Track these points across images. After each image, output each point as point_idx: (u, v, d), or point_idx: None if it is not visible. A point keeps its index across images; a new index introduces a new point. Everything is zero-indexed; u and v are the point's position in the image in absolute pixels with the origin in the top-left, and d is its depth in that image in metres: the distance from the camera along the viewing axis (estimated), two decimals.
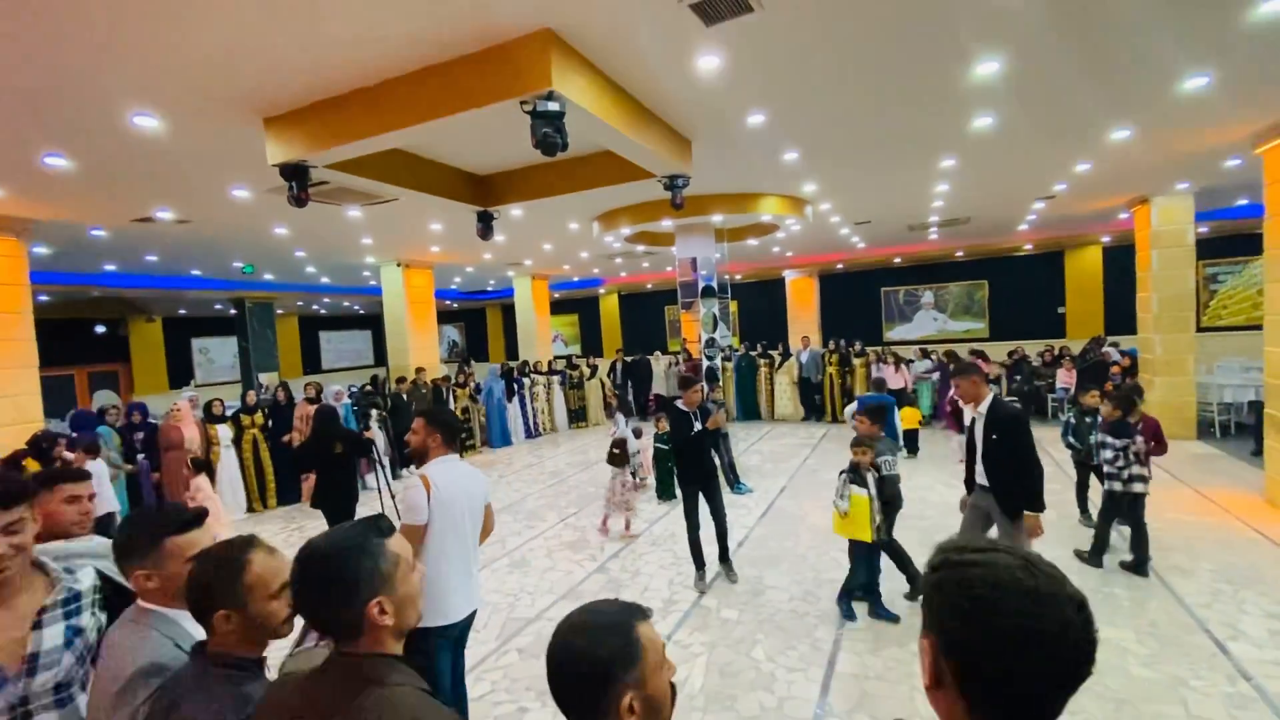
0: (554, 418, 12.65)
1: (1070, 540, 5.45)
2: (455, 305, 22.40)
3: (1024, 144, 6.03)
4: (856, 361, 11.61)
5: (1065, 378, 10.72)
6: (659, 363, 13.97)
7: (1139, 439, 4.99)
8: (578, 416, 13.02)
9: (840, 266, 16.33)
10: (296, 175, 4.15)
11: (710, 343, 8.22)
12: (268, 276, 12.64)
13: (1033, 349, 12.64)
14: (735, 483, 7.74)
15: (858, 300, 17.37)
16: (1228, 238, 12.79)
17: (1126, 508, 4.86)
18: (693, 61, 3.64)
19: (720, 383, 8.31)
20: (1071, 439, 5.88)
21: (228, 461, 7.72)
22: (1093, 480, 5.84)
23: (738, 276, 17.16)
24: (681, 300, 8.39)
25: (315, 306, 19.36)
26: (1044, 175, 7.53)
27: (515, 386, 11.73)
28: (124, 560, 1.59)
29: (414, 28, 3.04)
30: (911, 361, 11.14)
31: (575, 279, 18.10)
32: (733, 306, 19.01)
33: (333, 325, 22.71)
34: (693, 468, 4.91)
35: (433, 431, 2.70)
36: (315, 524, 6.97)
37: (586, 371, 13.23)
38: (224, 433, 7.75)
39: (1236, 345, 11.99)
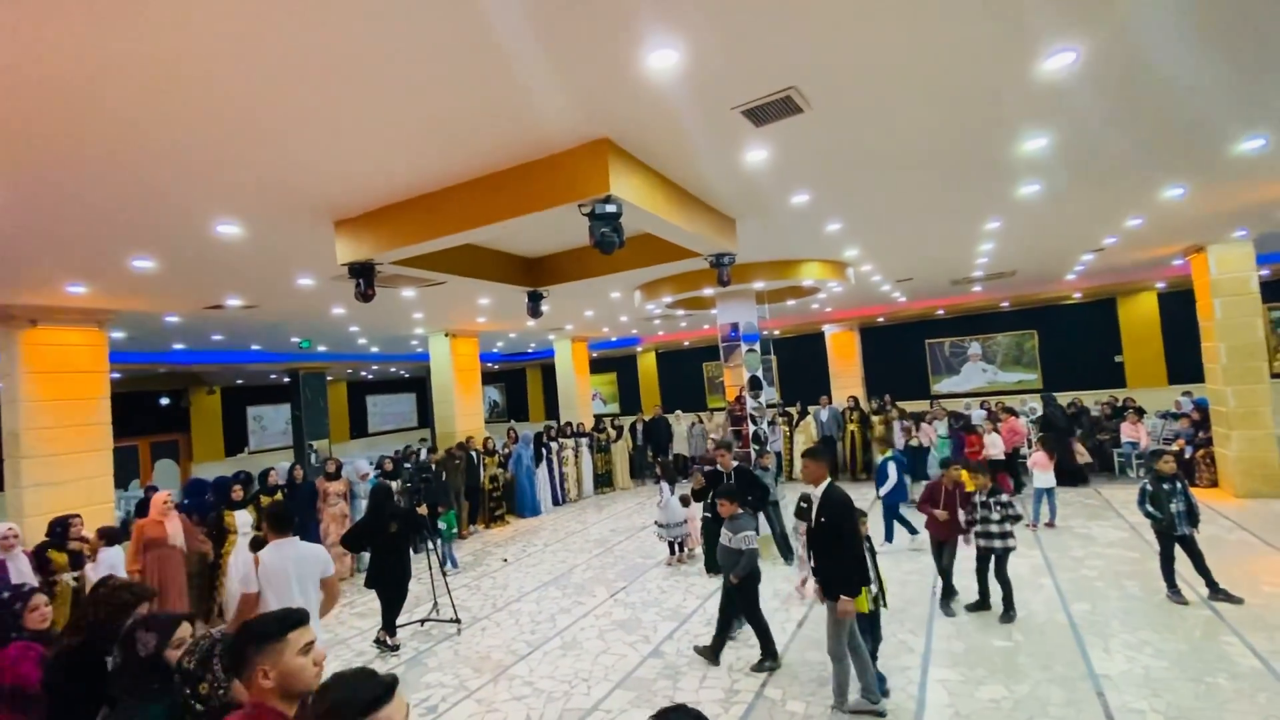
0: (581, 484, 12.52)
1: (1155, 620, 5.06)
2: (496, 367, 22.86)
3: (1072, 205, 5.97)
4: (875, 419, 11.37)
5: (1130, 431, 10.21)
6: (680, 423, 13.91)
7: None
8: (603, 481, 12.90)
9: (881, 320, 16.15)
10: (363, 273, 4.38)
11: (756, 407, 8.15)
12: (321, 348, 13.17)
13: (1091, 399, 12.14)
14: (788, 553, 7.47)
15: (902, 353, 17.07)
16: None
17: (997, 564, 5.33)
18: (741, 156, 3.76)
19: (768, 449, 8.16)
20: (1150, 508, 5.54)
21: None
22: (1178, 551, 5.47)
23: (776, 332, 17.12)
24: (724, 362, 8.39)
25: (363, 373, 20.00)
26: (1092, 230, 7.41)
27: (544, 451, 11.68)
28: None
29: (484, 145, 3.24)
30: (934, 420, 10.57)
31: (614, 339, 18.32)
32: (772, 362, 18.94)
33: (379, 389, 23.37)
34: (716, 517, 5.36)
35: (268, 524, 3.71)
36: (368, 601, 6.99)
37: (613, 434, 13.18)
38: (242, 519, 6.94)
39: None
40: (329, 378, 18.12)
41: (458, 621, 6.26)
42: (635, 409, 19.64)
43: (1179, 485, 5.49)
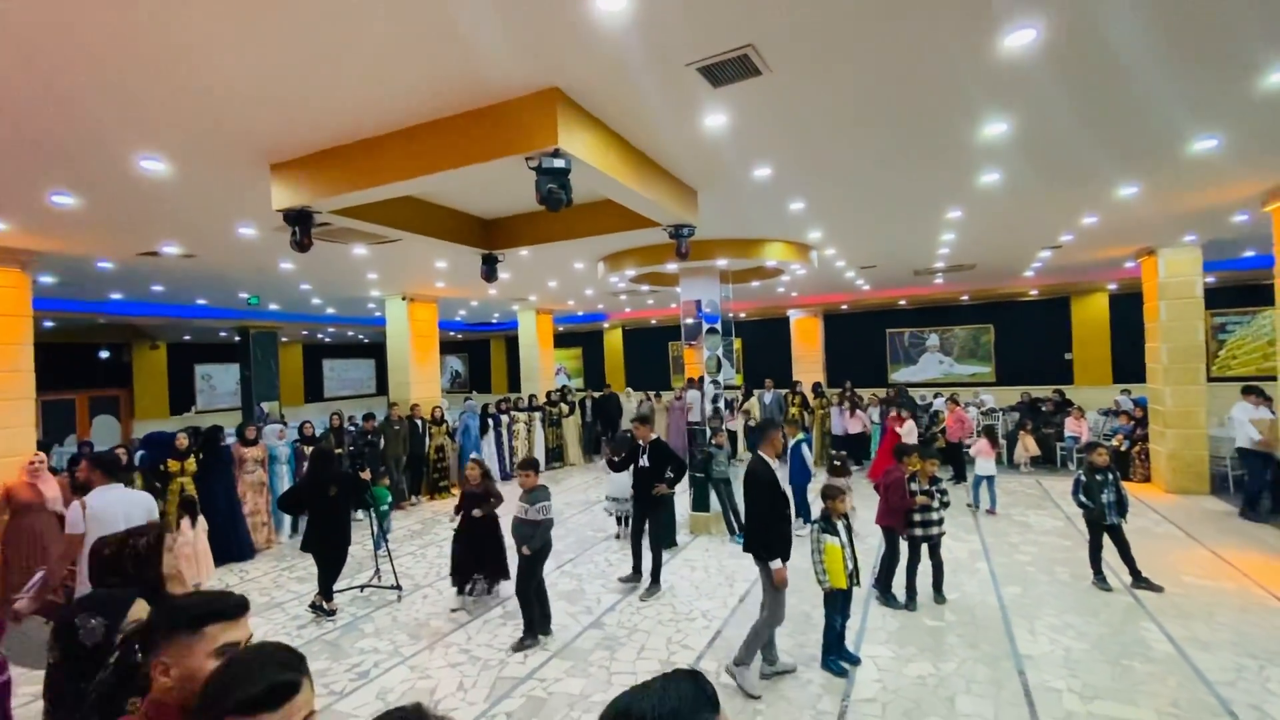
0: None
1: (1079, 605, 5.25)
2: (459, 336, 22.44)
3: (1030, 198, 6.03)
4: (815, 403, 11.80)
5: (1073, 426, 10.57)
6: (630, 399, 14.11)
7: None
8: (554, 456, 12.83)
9: (845, 307, 16.32)
10: (300, 221, 4.15)
11: (713, 384, 8.13)
12: (273, 307, 12.68)
13: (1041, 394, 12.51)
14: (736, 532, 7.54)
15: (862, 341, 17.31)
16: (1235, 288, 12.75)
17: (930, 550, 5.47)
18: (700, 120, 3.64)
19: (724, 427, 8.17)
20: (1083, 498, 5.71)
21: None
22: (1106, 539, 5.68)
23: (742, 314, 17.16)
24: (685, 340, 8.33)
25: (319, 335, 19.41)
26: (1050, 227, 7.53)
27: (491, 423, 11.49)
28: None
29: (423, 83, 3.05)
30: (870, 407, 11.57)
31: (580, 313, 18.12)
32: (737, 344, 19.01)
33: (336, 353, 22.74)
34: (638, 489, 6.02)
35: (94, 469, 3.99)
36: (309, 565, 6.81)
37: (565, 409, 13.10)
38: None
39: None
40: (283, 339, 17.52)
41: (398, 589, 6.14)
42: (600, 385, 19.52)
43: (1111, 476, 5.66)
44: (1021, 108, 3.77)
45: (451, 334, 21.06)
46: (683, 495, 8.07)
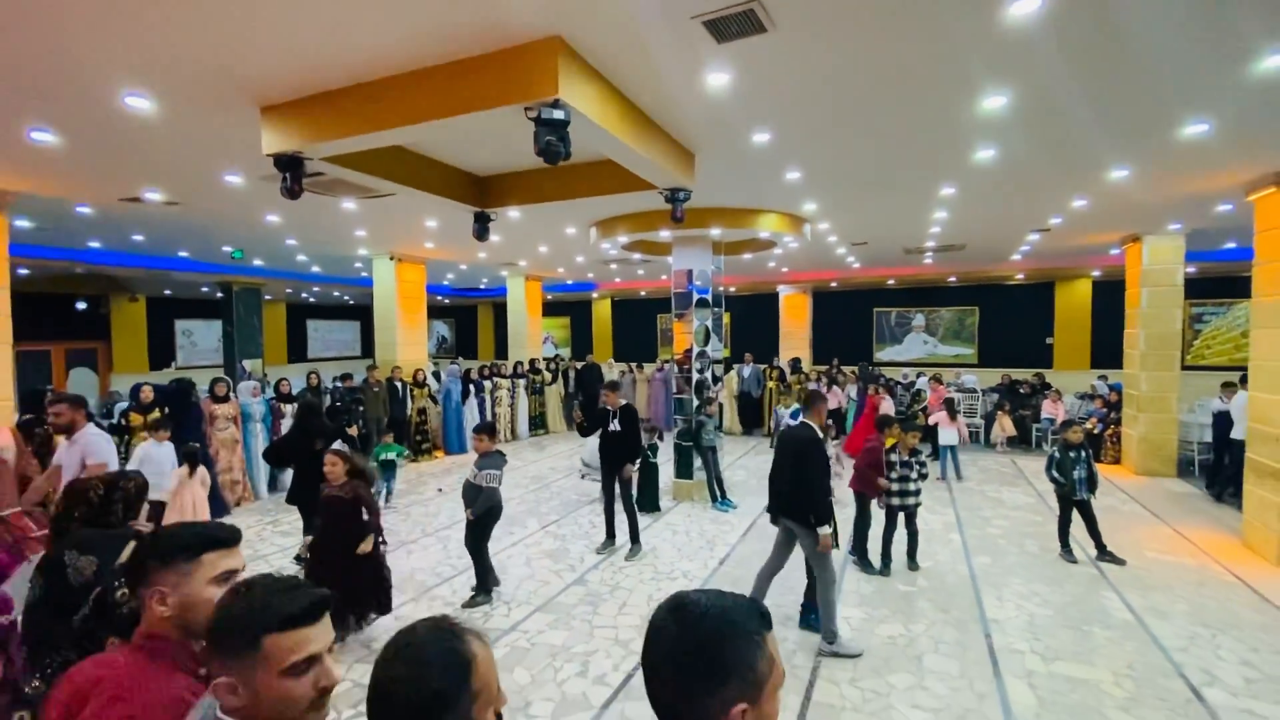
0: (516, 425, 12.44)
1: (1046, 575, 5.45)
2: (447, 301, 22.23)
3: (1024, 177, 6.06)
4: (792, 378, 12.11)
5: (1050, 408, 10.81)
6: (612, 370, 14.24)
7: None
8: (537, 424, 12.91)
9: (834, 285, 16.38)
10: (291, 167, 4.07)
11: (701, 355, 8.17)
12: (257, 262, 12.45)
13: (1021, 377, 12.74)
14: (719, 499, 7.69)
15: (850, 319, 17.43)
16: (1214, 279, 12.98)
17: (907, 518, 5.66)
18: (702, 77, 3.60)
19: (715, 398, 8.29)
20: (1055, 473, 5.89)
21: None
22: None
23: (732, 289, 17.17)
24: (675, 310, 8.34)
25: (304, 295, 19.12)
26: (1041, 208, 7.59)
27: (475, 389, 11.49)
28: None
29: (423, 25, 2.98)
30: (848, 384, 12.02)
31: (569, 282, 18.01)
32: (725, 319, 19.05)
33: (321, 314, 22.45)
34: (607, 453, 6.10)
35: (76, 410, 4.07)
36: (294, 519, 6.84)
37: (548, 377, 13.13)
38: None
39: (1218, 385, 12.11)
40: (267, 297, 17.25)
41: (383, 544, 6.20)
42: (588, 355, 19.51)
43: (1083, 454, 5.84)
44: (1022, 80, 3.78)
45: (439, 298, 20.86)
46: (667, 463, 8.17)
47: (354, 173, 4.71)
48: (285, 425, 8.08)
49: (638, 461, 6.31)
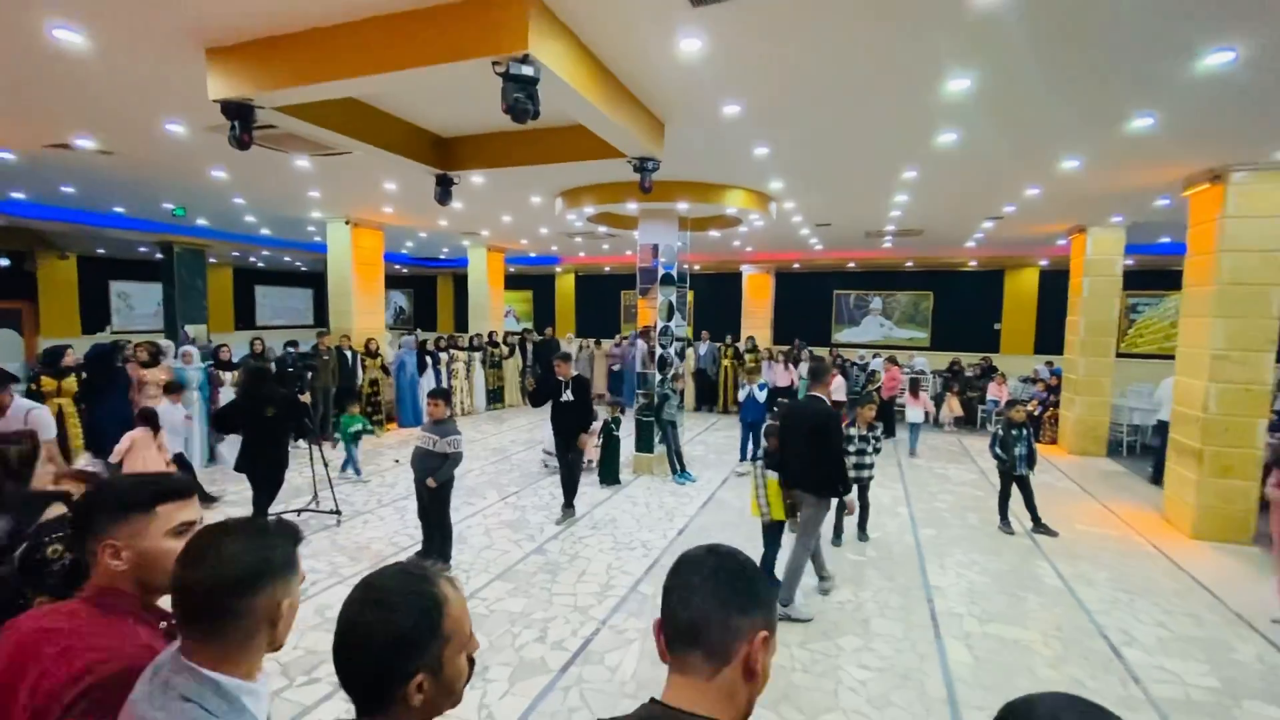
0: (474, 398, 12.27)
1: (985, 546, 5.75)
2: (405, 270, 21.62)
3: (982, 162, 6.23)
4: (748, 357, 12.28)
5: (995, 390, 11.29)
6: (570, 344, 14.24)
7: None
8: (494, 398, 12.79)
9: (797, 266, 16.60)
10: (240, 115, 3.84)
11: (665, 331, 8.20)
12: (201, 222, 11.81)
13: (970, 360, 13.25)
14: (679, 472, 7.79)
15: (811, 301, 17.73)
16: (1149, 271, 13.69)
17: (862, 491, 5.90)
18: (675, 42, 3.55)
19: (679, 372, 8.36)
20: (999, 450, 6.18)
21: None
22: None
23: (696, 267, 17.19)
24: (639, 285, 8.32)
25: (253, 259, 18.30)
26: (996, 196, 7.82)
27: (432, 360, 11.25)
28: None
29: None
30: (802, 362, 12.17)
31: (532, 255, 17.70)
32: (689, 296, 19.11)
33: (271, 280, 21.55)
34: (561, 424, 6.20)
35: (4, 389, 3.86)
36: (242, 490, 6.62)
37: (506, 350, 12.99)
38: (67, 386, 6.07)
39: (1147, 372, 12.87)
40: (211, 259, 16.44)
41: (338, 514, 6.08)
42: (546, 329, 19.29)
43: (1025, 432, 6.14)
44: (986, 63, 3.85)
45: (397, 267, 20.26)
46: (629, 437, 8.22)
47: (308, 126, 4.49)
48: (225, 395, 7.75)
49: (596, 430, 6.35)
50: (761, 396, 8.19)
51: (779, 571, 4.52)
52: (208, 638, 1.06)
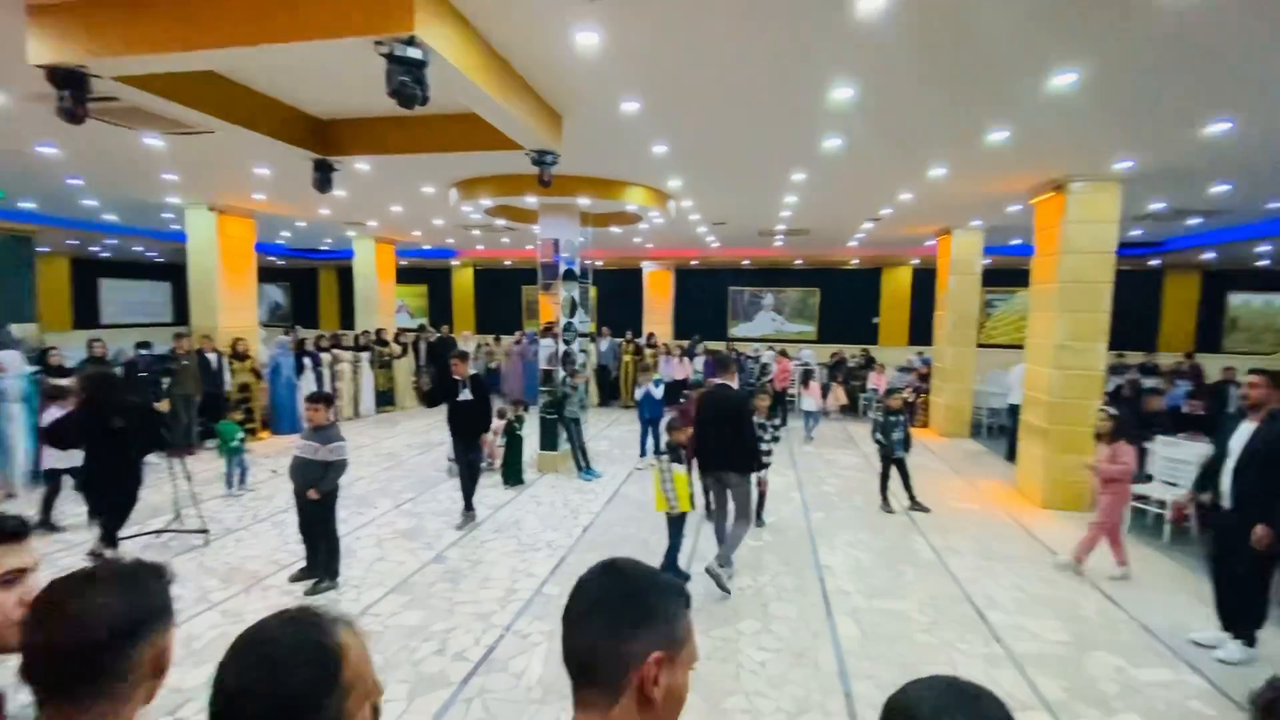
0: (360, 401, 11.40)
1: (868, 525, 6.19)
2: (282, 262, 19.93)
3: (863, 168, 6.66)
4: (649, 352, 12.59)
5: (875, 380, 12.19)
6: (467, 342, 13.78)
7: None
8: (385, 400, 12.00)
9: (695, 263, 17.03)
10: (71, 84, 3.33)
11: (568, 327, 8.11)
12: (27, 205, 10.22)
13: (852, 352, 14.20)
14: (584, 468, 7.75)
15: (709, 297, 18.27)
16: (1003, 270, 15.30)
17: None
18: (571, 35, 3.48)
19: (581, 368, 8.28)
20: (879, 435, 6.67)
21: None
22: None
23: (599, 263, 17.17)
24: (542, 281, 8.16)
25: (95, 248, 16.12)
26: (875, 199, 8.41)
27: (312, 361, 10.34)
28: None
29: None
30: (697, 355, 12.75)
31: (427, 247, 16.93)
32: (592, 292, 19.05)
33: (119, 272, 19.10)
34: (460, 424, 5.98)
35: None
36: (74, 511, 5.80)
37: (397, 349, 12.24)
38: None
39: (1001, 360, 14.39)
40: (43, 248, 14.31)
41: (204, 532, 5.49)
42: (442, 326, 18.50)
43: (901, 418, 6.67)
44: (867, 75, 4.11)
45: (272, 259, 18.61)
46: (531, 435, 8.07)
47: (159, 100, 3.99)
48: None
49: (498, 430, 6.17)
50: (659, 393, 8.30)
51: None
52: (80, 704, 0.90)
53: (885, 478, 6.76)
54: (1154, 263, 14.75)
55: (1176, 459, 6.02)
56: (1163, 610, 4.44)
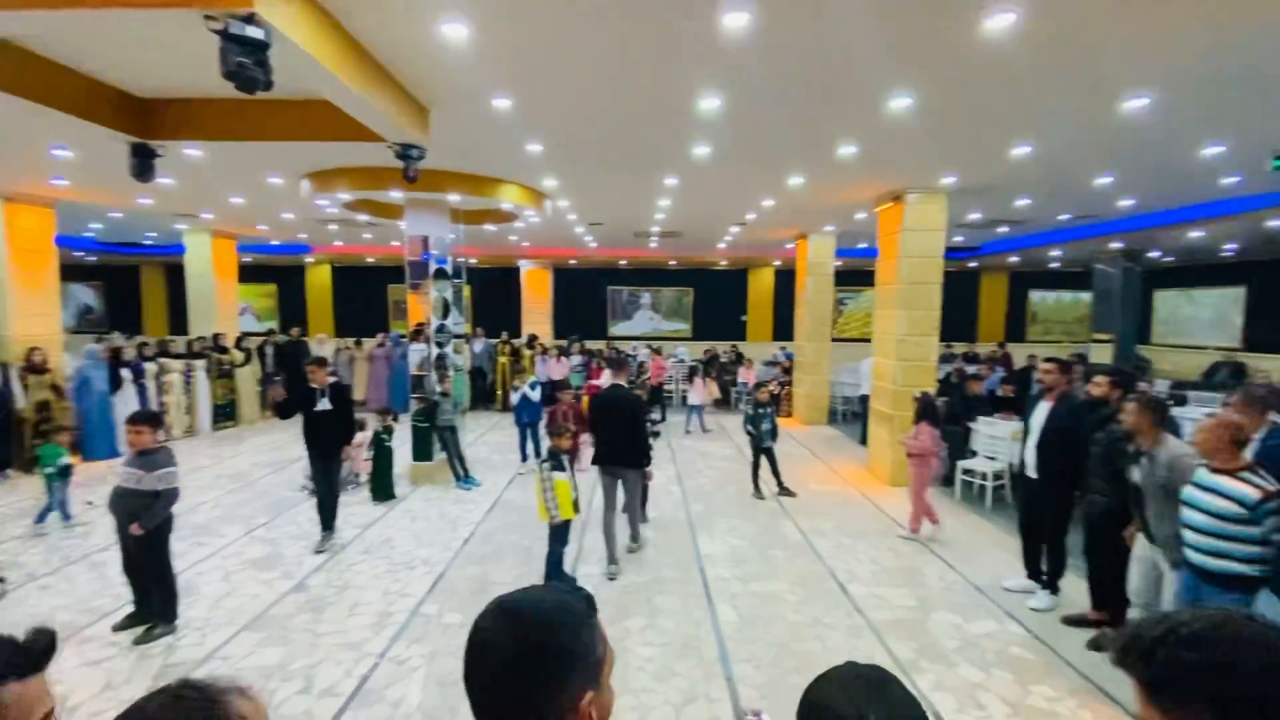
0: (196, 417, 10.03)
1: (742, 512, 6.55)
2: (94, 259, 17.12)
3: (730, 175, 7.01)
4: (527, 353, 12.48)
5: (745, 374, 12.90)
6: (323, 346, 12.69)
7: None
8: (225, 414, 10.65)
9: (573, 262, 16.98)
10: None
11: (441, 329, 7.72)
12: None
13: (723, 348, 14.91)
14: (462, 477, 7.45)
15: (588, 296, 18.31)
16: (852, 271, 16.83)
17: None
18: (438, 27, 3.31)
19: (457, 371, 7.88)
20: (749, 427, 7.07)
21: None
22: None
23: (473, 261, 16.55)
24: (410, 280, 7.70)
25: None
26: (741, 204, 8.89)
27: (132, 373, 8.98)
28: None
29: None
30: (573, 355, 12.68)
31: (275, 242, 15.33)
32: (466, 292, 18.31)
33: None
34: (318, 437, 5.54)
35: None
36: None
37: (239, 357, 10.90)
38: None
39: (852, 353, 15.82)
40: None
41: (1, 581, 4.60)
42: (292, 329, 16.82)
43: (769, 410, 7.11)
44: (732, 87, 4.31)
45: (75, 253, 15.89)
46: (403, 445, 7.62)
47: None
48: None
49: (364, 442, 5.75)
50: (535, 395, 8.14)
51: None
52: None
53: (756, 466, 7.18)
54: (972, 265, 16.96)
55: (995, 436, 6.96)
56: (988, 569, 5.11)
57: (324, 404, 5.45)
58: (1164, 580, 3.42)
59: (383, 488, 6.82)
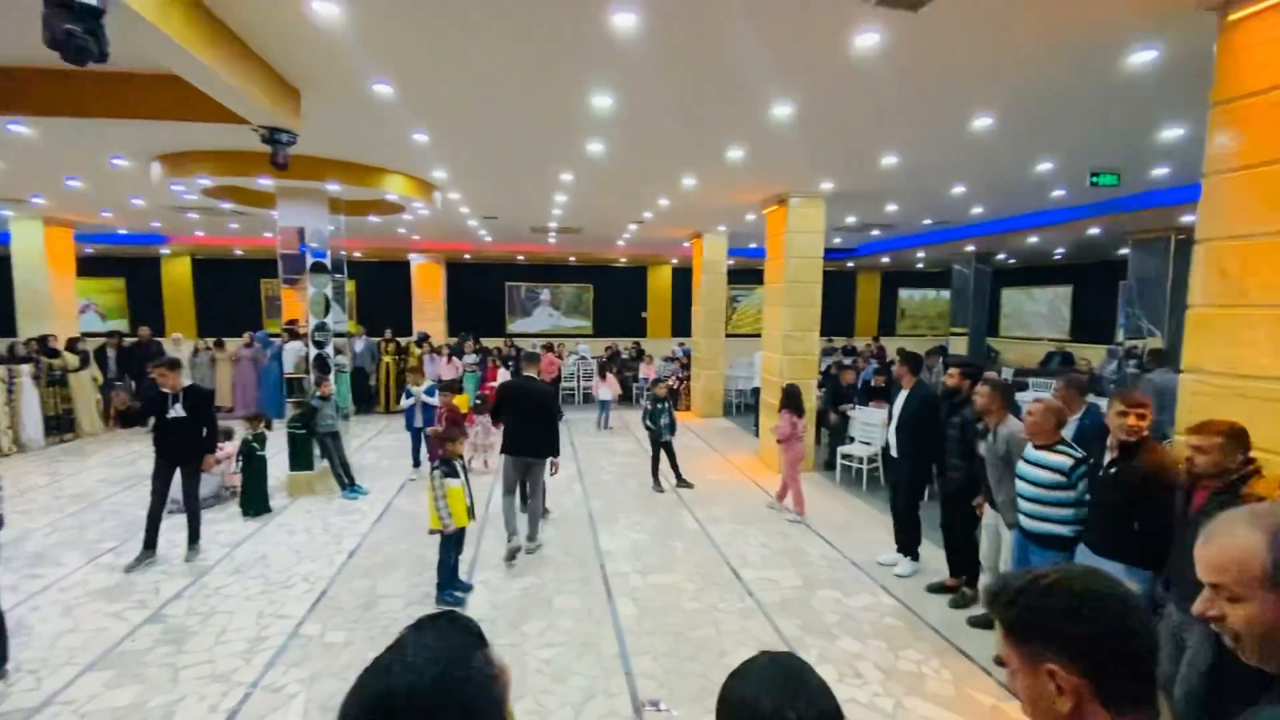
0: (20, 430, 8.72)
1: (642, 506, 6.67)
2: None
3: (625, 173, 7.08)
4: (416, 352, 11.87)
5: (646, 370, 13.12)
6: (178, 348, 11.34)
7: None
8: (62, 426, 9.26)
9: (468, 257, 16.42)
10: None
11: (321, 327, 7.20)
12: None
13: (624, 344, 15.08)
14: (347, 485, 7.00)
15: (484, 292, 17.78)
16: (744, 270, 17.56)
17: None
18: (307, 1, 3.08)
19: (332, 375, 7.33)
20: (648, 422, 7.21)
21: None
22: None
23: (357, 254, 15.56)
24: (284, 274, 7.10)
25: None
26: (637, 203, 9.00)
27: None
28: None
29: None
30: (466, 354, 12.12)
31: (123, 232, 13.58)
32: (350, 287, 17.13)
33: None
34: (171, 448, 5.13)
35: None
36: None
37: (73, 360, 9.50)
38: None
39: (745, 348, 16.55)
40: None
41: None
42: (157, 327, 15.00)
43: (667, 404, 7.29)
44: (624, 87, 4.36)
45: None
46: (278, 454, 7.05)
47: None
48: None
49: (231, 453, 5.26)
50: (435, 400, 7.65)
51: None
52: None
53: (656, 460, 7.33)
54: (850, 265, 18.27)
55: (869, 423, 7.55)
56: (865, 546, 5.54)
57: (177, 410, 4.93)
58: (1003, 543, 3.95)
59: (255, 501, 6.27)
